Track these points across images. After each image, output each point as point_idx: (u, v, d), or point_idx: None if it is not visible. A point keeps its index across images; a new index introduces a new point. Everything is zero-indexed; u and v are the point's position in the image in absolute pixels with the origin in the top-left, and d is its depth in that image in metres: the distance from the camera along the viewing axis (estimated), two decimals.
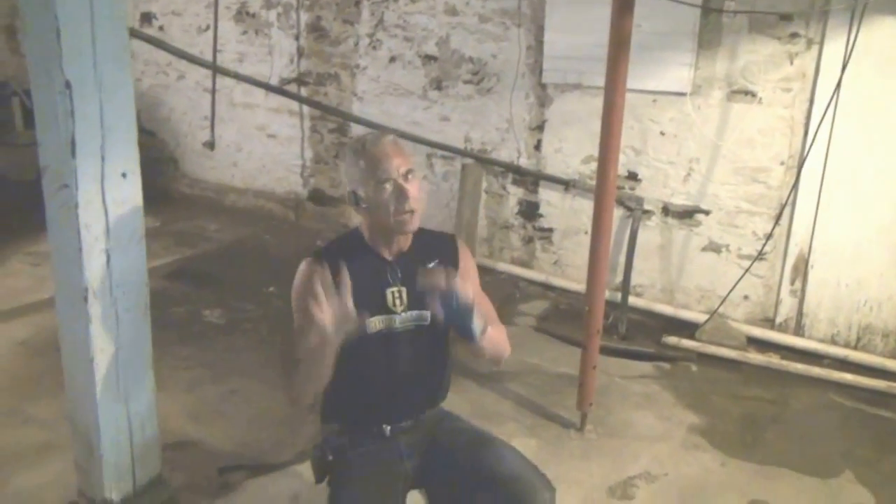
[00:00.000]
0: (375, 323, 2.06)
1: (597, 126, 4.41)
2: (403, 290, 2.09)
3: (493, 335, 1.99)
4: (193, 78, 6.16)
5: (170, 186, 6.58)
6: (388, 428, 2.15)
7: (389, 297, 2.08)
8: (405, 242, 2.11)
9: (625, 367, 3.98)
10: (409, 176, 1.99)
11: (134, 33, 5.52)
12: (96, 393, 2.36)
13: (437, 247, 2.18)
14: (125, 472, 2.53)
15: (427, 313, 2.12)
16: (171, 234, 5.63)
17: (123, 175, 2.30)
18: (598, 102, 4.38)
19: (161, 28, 6.25)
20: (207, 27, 5.93)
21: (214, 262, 5.23)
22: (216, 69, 5.29)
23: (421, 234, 2.17)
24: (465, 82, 4.94)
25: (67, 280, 2.30)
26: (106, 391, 2.39)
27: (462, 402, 3.51)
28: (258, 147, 6.05)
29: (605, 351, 4.06)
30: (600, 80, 4.39)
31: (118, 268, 2.33)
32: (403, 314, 2.09)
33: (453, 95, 5.00)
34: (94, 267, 2.26)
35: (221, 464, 2.93)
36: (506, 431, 3.28)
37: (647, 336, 4.30)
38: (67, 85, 2.09)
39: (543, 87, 4.64)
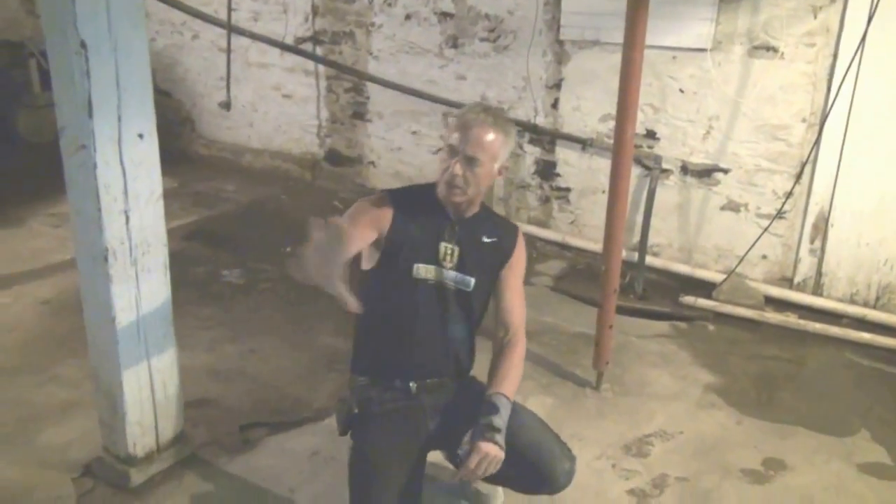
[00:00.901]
0: (426, 270, 2.12)
1: (615, 84, 4.34)
2: (456, 249, 2.15)
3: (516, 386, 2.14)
4: (208, 37, 6.11)
5: (187, 147, 6.58)
6: (414, 385, 2.20)
7: (442, 250, 2.14)
8: (465, 209, 2.16)
9: (641, 326, 3.98)
10: (473, 161, 2.03)
11: None
12: (118, 351, 2.41)
13: (499, 229, 2.24)
14: (148, 429, 2.59)
15: (471, 280, 2.15)
16: (189, 195, 5.65)
17: (140, 136, 2.30)
18: (616, 59, 4.31)
19: None
20: None
21: (232, 222, 5.26)
22: (231, 28, 5.24)
23: (487, 212, 2.25)
24: (482, 40, 4.87)
25: (87, 241, 2.32)
26: (128, 349, 2.43)
27: (478, 360, 3.54)
28: (274, 107, 6.02)
29: (622, 310, 4.06)
30: (619, 37, 4.29)
31: (137, 228, 2.36)
32: (450, 272, 2.15)
33: (469, 53, 4.94)
34: (113, 227, 2.29)
35: (242, 421, 2.98)
36: (522, 390, 3.26)
37: (665, 296, 4.30)
38: (83, 45, 2.09)
39: (561, 43, 4.57)
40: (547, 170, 4.86)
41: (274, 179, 6.08)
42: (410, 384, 2.20)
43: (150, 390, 2.55)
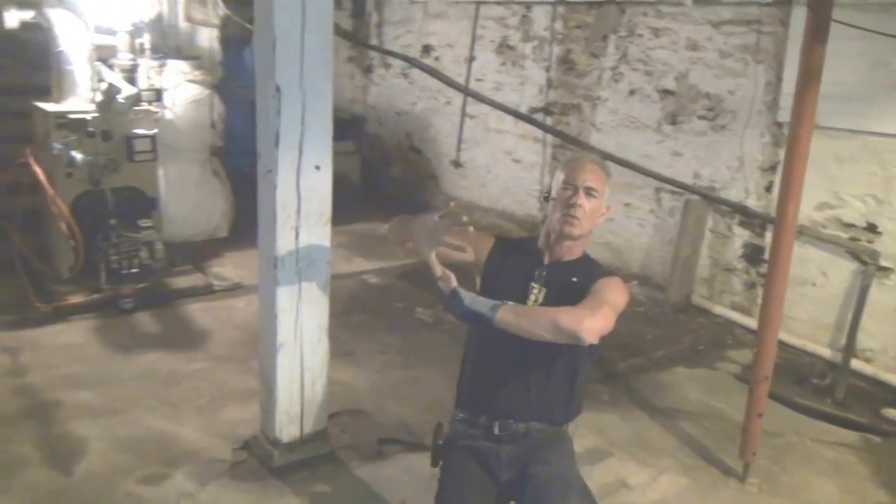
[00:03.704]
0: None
1: (835, 170, 4.17)
2: (544, 291, 2.22)
3: (514, 317, 1.98)
4: (458, 104, 6.73)
5: (428, 200, 7.23)
6: (498, 426, 2.23)
7: (531, 289, 2.22)
8: (565, 252, 2.23)
9: (823, 430, 3.63)
10: (591, 192, 2.17)
11: (411, 61, 6.24)
12: (276, 346, 2.84)
13: (592, 273, 2.21)
14: (294, 419, 2.98)
15: None
16: None
17: (317, 167, 2.75)
18: (837, 145, 4.13)
19: (437, 58, 6.94)
20: (474, 58, 6.49)
21: None
22: (469, 93, 5.79)
23: (588, 260, 2.29)
24: (700, 118, 4.84)
25: (265, 248, 2.81)
26: (285, 345, 2.86)
27: (626, 429, 3.51)
28: (504, 170, 6.44)
29: (812, 413, 3.80)
30: (841, 121, 4.12)
31: (304, 244, 2.79)
32: None
33: (687, 130, 4.93)
34: (284, 239, 2.74)
35: (383, 435, 3.27)
36: (659, 465, 3.22)
37: (867, 405, 3.87)
38: (277, 89, 2.59)
39: (779, 126, 4.40)
40: (755, 254, 4.64)
41: None
42: (495, 424, 2.24)
43: (300, 385, 2.95)
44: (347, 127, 8.01)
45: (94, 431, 3.11)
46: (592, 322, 1.96)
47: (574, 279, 2.21)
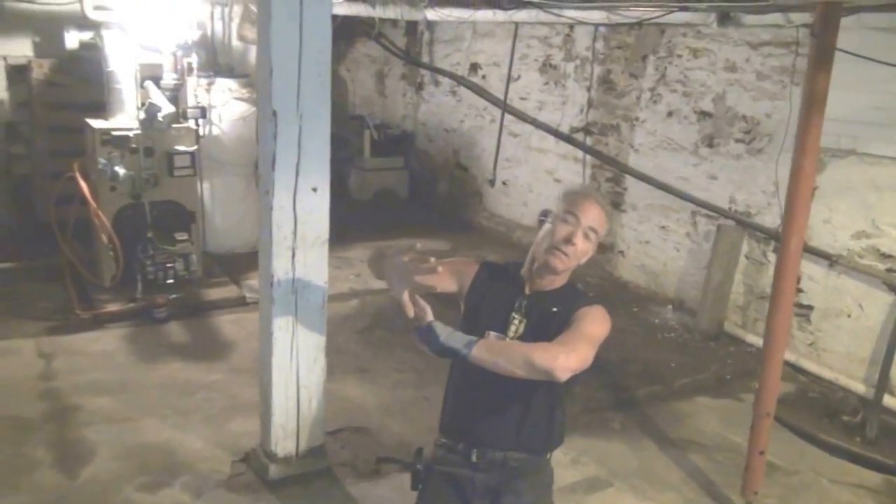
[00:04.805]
0: (491, 337, 2.17)
1: (874, 198, 4.02)
2: (524, 322, 2.21)
3: (489, 354, 1.96)
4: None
5: (472, 217, 7.25)
6: (475, 454, 2.23)
7: (511, 320, 2.20)
8: (547, 283, 2.21)
9: (845, 471, 3.47)
10: (589, 234, 2.14)
11: (457, 78, 6.30)
12: (272, 363, 2.91)
13: (572, 302, 2.18)
14: (290, 434, 3.04)
15: None
16: None
17: (314, 189, 2.82)
18: (876, 172, 3.98)
19: (483, 77, 6.98)
20: (518, 77, 6.49)
21: None
22: (506, 110, 5.80)
23: (571, 288, 2.26)
24: (737, 141, 4.72)
25: (263, 267, 2.89)
26: (281, 362, 2.93)
27: (632, 459, 3.44)
28: (545, 189, 6.40)
29: (835, 451, 3.63)
30: (879, 148, 3.95)
31: (301, 264, 2.86)
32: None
33: (723, 153, 4.81)
34: (280, 260, 2.82)
35: (383, 454, 3.30)
36: (659, 499, 3.15)
37: None
38: (274, 114, 2.67)
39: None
40: None
41: None
42: (473, 452, 2.23)
43: (296, 401, 3.01)
44: (398, 143, 8.14)
45: (104, 437, 3.25)
46: (567, 360, 1.94)
47: (555, 309, 2.17)
